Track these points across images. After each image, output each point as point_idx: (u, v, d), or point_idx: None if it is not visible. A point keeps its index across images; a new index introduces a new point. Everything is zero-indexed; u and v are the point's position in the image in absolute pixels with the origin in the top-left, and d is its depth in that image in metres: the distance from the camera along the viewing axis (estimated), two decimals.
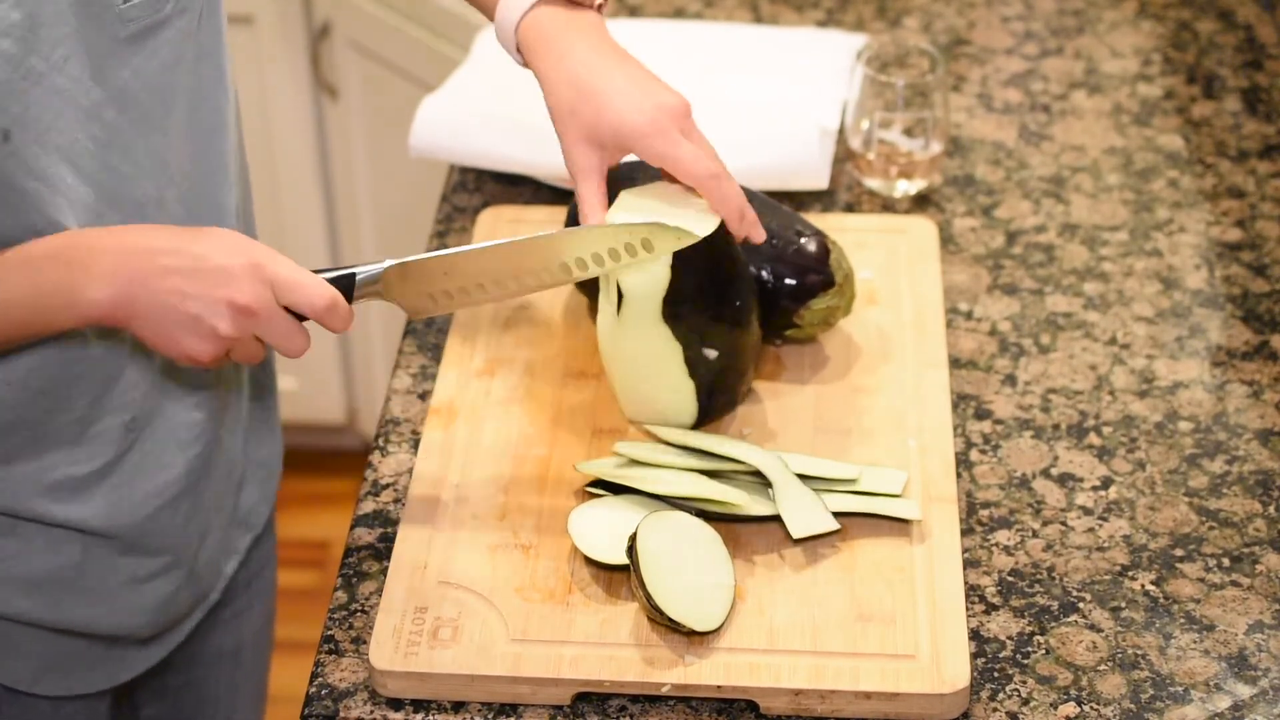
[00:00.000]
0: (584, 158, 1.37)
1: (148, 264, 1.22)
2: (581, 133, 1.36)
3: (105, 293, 1.21)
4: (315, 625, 1.53)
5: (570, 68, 1.36)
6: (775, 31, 1.95)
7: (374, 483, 1.46)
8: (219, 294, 1.22)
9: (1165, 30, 2.01)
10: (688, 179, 1.36)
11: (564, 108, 1.36)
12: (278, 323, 1.24)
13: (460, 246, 1.33)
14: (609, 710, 1.27)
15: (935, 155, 1.73)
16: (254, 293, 1.22)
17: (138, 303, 1.22)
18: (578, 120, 1.36)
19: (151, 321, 1.22)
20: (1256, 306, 1.62)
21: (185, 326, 1.22)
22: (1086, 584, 1.36)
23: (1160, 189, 1.76)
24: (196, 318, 1.22)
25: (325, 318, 1.25)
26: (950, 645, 1.27)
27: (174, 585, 1.47)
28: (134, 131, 1.29)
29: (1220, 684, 1.29)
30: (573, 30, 1.37)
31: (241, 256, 1.23)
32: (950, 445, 1.44)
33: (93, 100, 1.26)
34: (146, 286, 1.21)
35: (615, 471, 1.37)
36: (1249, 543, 1.39)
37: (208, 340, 1.23)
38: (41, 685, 1.44)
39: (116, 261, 1.22)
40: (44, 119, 1.23)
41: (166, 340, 1.23)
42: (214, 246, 1.23)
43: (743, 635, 1.28)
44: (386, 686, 1.28)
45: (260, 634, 1.69)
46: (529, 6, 1.37)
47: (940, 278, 1.61)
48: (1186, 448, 1.47)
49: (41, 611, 1.40)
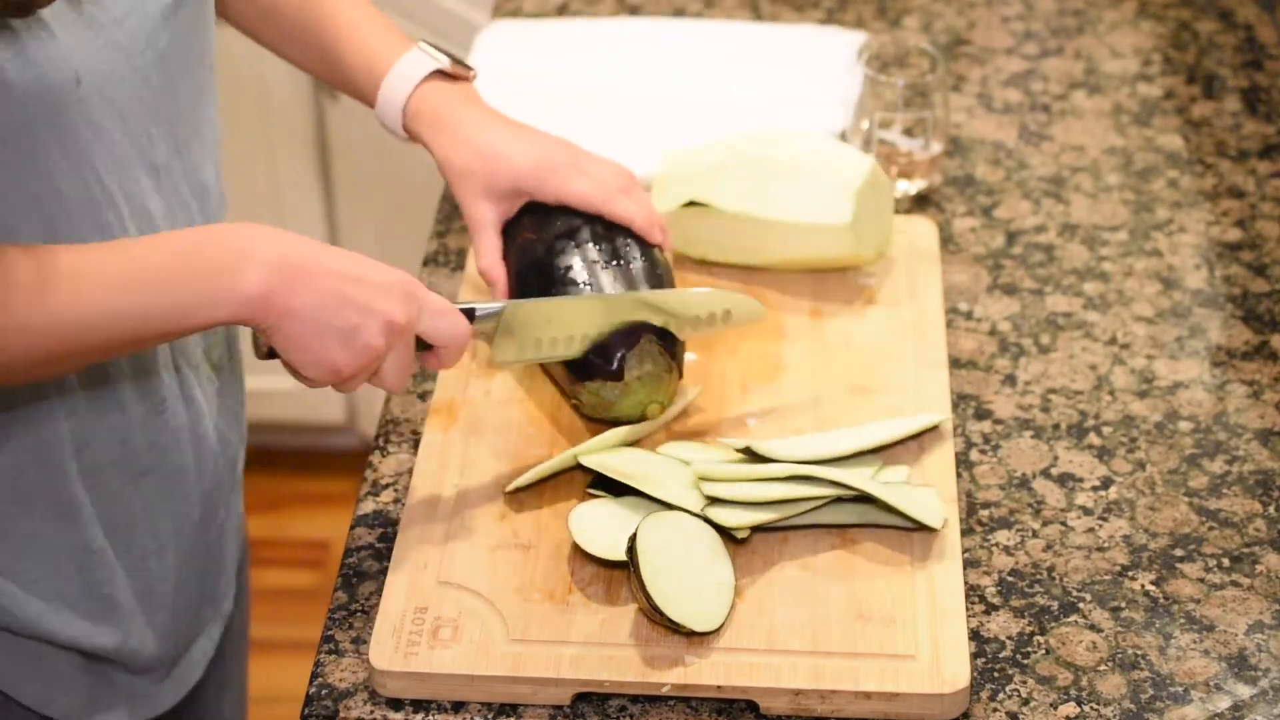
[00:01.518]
0: (482, 212, 1.48)
1: (312, 260, 1.21)
2: (479, 189, 1.47)
3: (266, 277, 1.18)
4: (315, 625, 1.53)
5: (463, 134, 1.47)
6: (775, 30, 1.95)
7: (374, 483, 1.46)
8: (380, 307, 1.22)
9: (1165, 30, 2.01)
10: (589, 209, 1.46)
11: (459, 169, 1.47)
12: (405, 350, 1.26)
13: (567, 295, 1.42)
14: (609, 710, 1.27)
15: (935, 155, 1.73)
16: (407, 313, 1.24)
17: (296, 296, 1.19)
18: (475, 179, 1.47)
19: (305, 320, 1.20)
20: (1256, 306, 1.62)
21: (340, 333, 1.21)
22: (1086, 584, 1.36)
23: (1160, 189, 1.76)
24: (355, 327, 1.21)
25: (457, 349, 1.28)
26: (950, 645, 1.27)
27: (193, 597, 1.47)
28: (165, 98, 1.30)
29: (1220, 684, 1.29)
30: (456, 101, 1.48)
31: (394, 273, 1.24)
32: (950, 445, 1.44)
33: (145, 61, 1.27)
34: (310, 281, 1.20)
35: (616, 468, 1.36)
36: (1249, 543, 1.39)
37: (358, 354, 1.22)
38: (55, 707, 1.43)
39: (279, 250, 1.20)
40: (103, 70, 1.23)
41: (316, 344, 1.21)
42: (362, 260, 1.24)
43: (743, 635, 1.28)
44: (386, 686, 1.28)
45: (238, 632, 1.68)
46: (413, 87, 1.47)
47: (940, 278, 1.61)
48: (1186, 448, 1.47)
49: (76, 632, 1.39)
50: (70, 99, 1.21)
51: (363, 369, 1.24)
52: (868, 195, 1.56)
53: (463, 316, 1.29)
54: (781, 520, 1.34)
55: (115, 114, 1.25)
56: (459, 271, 1.66)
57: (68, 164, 1.23)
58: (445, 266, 1.67)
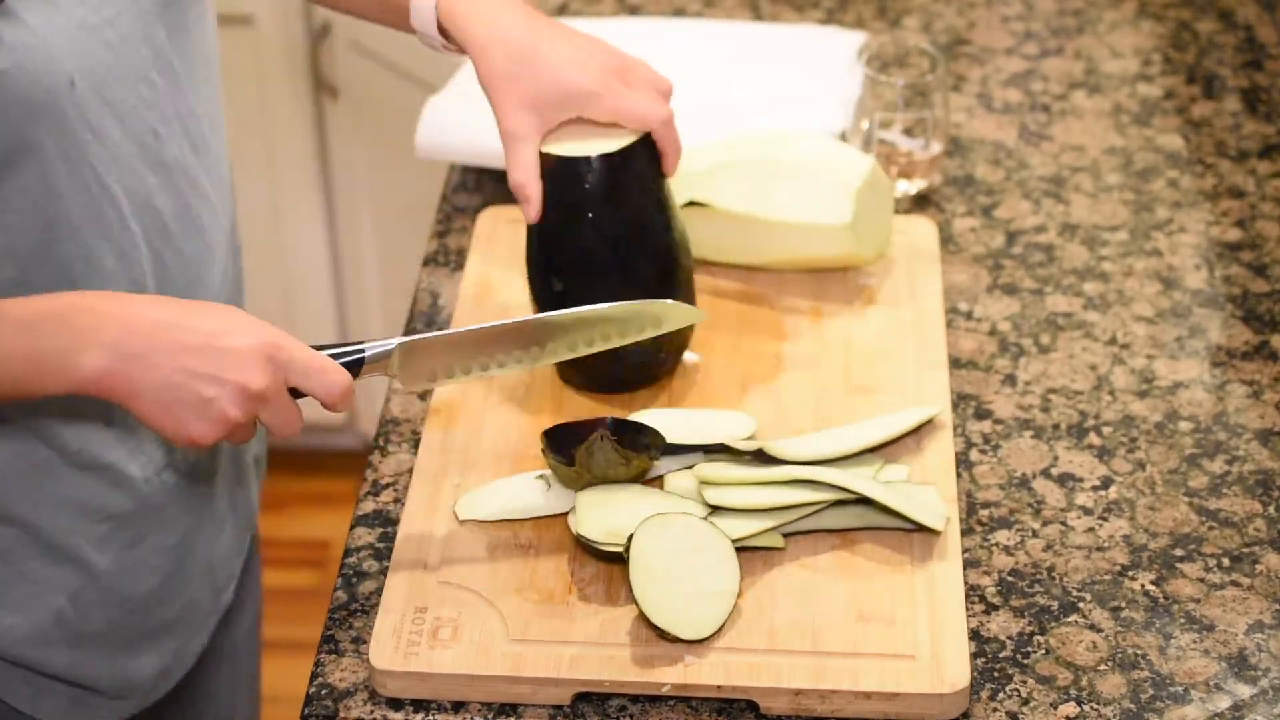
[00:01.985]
0: (522, 124, 1.36)
1: (157, 339, 1.17)
2: (520, 98, 1.35)
3: (100, 362, 1.16)
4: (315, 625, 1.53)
5: (503, 35, 1.35)
6: (775, 30, 1.95)
7: (374, 483, 1.46)
8: (233, 377, 1.18)
9: (1165, 30, 2.01)
10: (643, 127, 1.38)
11: (499, 75, 1.35)
12: (282, 407, 1.21)
13: (464, 327, 1.32)
14: (609, 710, 1.27)
15: (935, 155, 1.73)
16: (268, 377, 1.19)
17: (138, 379, 1.17)
18: (516, 86, 1.35)
19: (152, 400, 1.17)
20: (1256, 306, 1.62)
21: (193, 409, 1.18)
22: (1086, 584, 1.36)
23: (1160, 189, 1.76)
24: (207, 401, 1.18)
25: (337, 400, 1.23)
26: (950, 645, 1.27)
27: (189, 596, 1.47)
28: (170, 95, 1.30)
29: (1220, 684, 1.29)
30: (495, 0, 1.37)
31: (255, 337, 1.19)
32: (950, 444, 1.44)
33: (141, 59, 1.27)
34: (152, 361, 1.17)
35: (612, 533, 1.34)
36: (1249, 543, 1.39)
37: (215, 425, 1.19)
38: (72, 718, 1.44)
39: (120, 333, 1.17)
40: (98, 71, 1.23)
41: (169, 420, 1.18)
42: (226, 323, 1.19)
43: (743, 635, 1.28)
44: (386, 686, 1.28)
45: (251, 631, 1.69)
46: None
47: (940, 278, 1.61)
48: (1186, 448, 1.47)
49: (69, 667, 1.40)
50: (65, 102, 1.20)
51: (229, 434, 1.21)
52: (868, 195, 1.56)
53: (339, 372, 1.22)
54: (783, 526, 1.34)
55: (113, 114, 1.25)
56: (459, 271, 1.66)
57: (65, 165, 1.23)
58: (445, 266, 1.67)
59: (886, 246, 1.60)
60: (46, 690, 1.40)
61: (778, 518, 1.34)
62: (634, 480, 1.37)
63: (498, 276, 1.62)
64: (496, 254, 1.64)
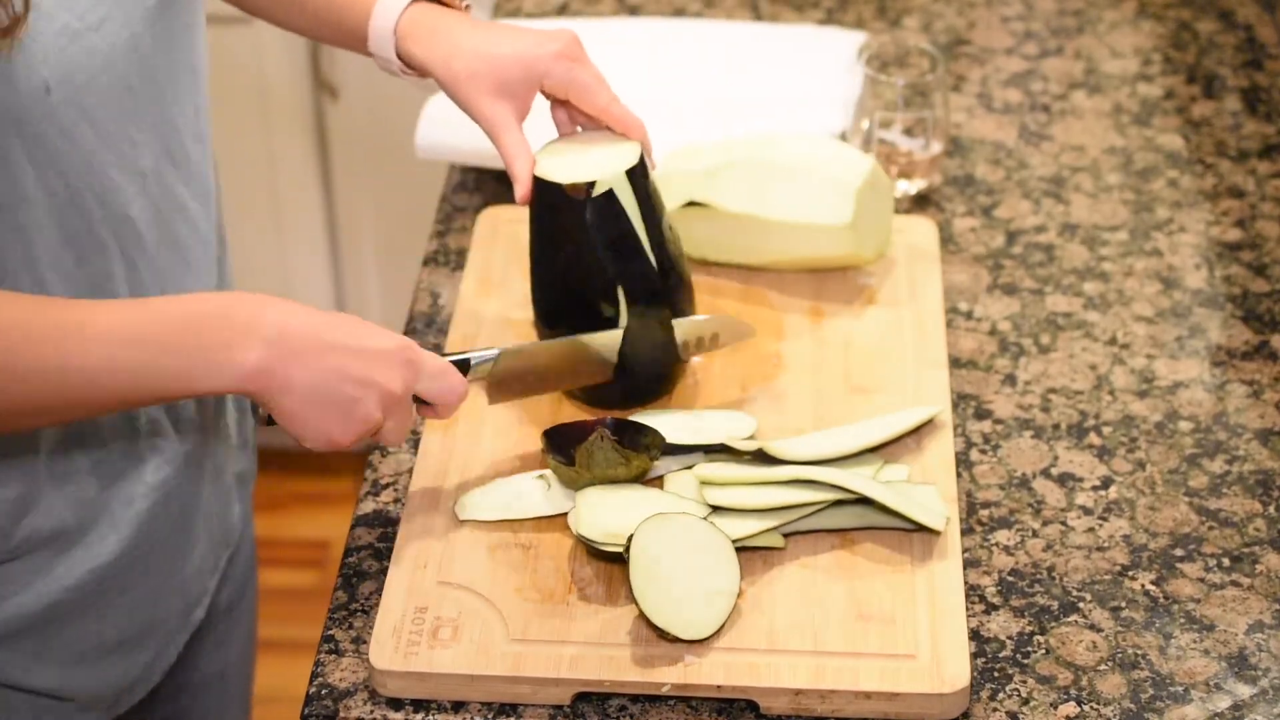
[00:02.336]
0: (498, 112, 1.42)
1: (313, 337, 1.21)
2: (488, 88, 1.41)
3: (265, 354, 1.19)
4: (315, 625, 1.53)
5: (458, 43, 1.42)
6: (775, 30, 1.95)
7: (374, 483, 1.46)
8: (378, 379, 1.22)
9: (1165, 30, 2.01)
10: (592, 106, 1.43)
11: (463, 75, 1.41)
12: (406, 413, 1.26)
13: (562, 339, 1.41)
14: (609, 710, 1.27)
15: (935, 155, 1.73)
16: (403, 379, 1.24)
17: (295, 377, 1.20)
18: (481, 80, 1.41)
19: (301, 399, 1.21)
20: (1256, 306, 1.62)
21: (339, 407, 1.22)
22: (1086, 584, 1.36)
23: (1160, 189, 1.76)
24: (354, 400, 1.22)
25: (453, 405, 1.29)
26: (950, 645, 1.27)
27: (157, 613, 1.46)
28: (150, 103, 1.30)
29: (1220, 684, 1.29)
30: (448, 17, 1.44)
31: (392, 339, 1.24)
32: (950, 445, 1.44)
33: (125, 67, 1.26)
34: (309, 358, 1.20)
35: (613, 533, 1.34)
36: (1249, 543, 1.39)
37: (355, 425, 1.23)
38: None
39: (278, 332, 1.19)
40: (77, 79, 1.22)
41: (313, 418, 1.22)
42: (362, 325, 1.24)
43: (743, 635, 1.28)
44: (386, 686, 1.28)
45: (244, 658, 1.67)
46: (403, 8, 1.43)
47: (940, 278, 1.61)
48: (1186, 448, 1.47)
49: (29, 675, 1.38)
50: (39, 108, 1.20)
51: (360, 436, 1.25)
52: (868, 195, 1.56)
53: (459, 375, 1.30)
54: (783, 526, 1.34)
55: (88, 120, 1.24)
56: (459, 271, 1.66)
57: (34, 170, 1.22)
58: (445, 266, 1.67)
59: (886, 246, 1.60)
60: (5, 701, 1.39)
61: (778, 518, 1.34)
62: (634, 480, 1.37)
63: (498, 277, 1.62)
64: (496, 254, 1.64)
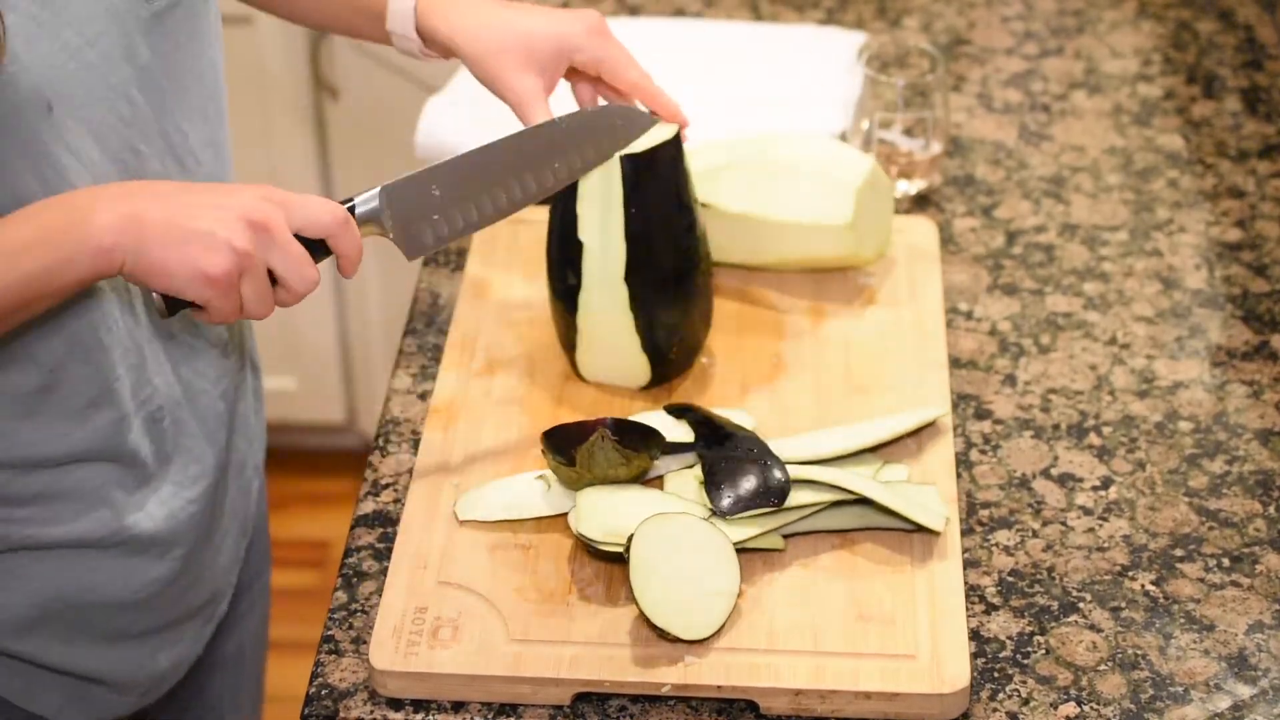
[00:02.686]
0: (528, 86, 1.41)
1: (158, 189, 1.19)
2: (518, 63, 1.40)
3: (111, 216, 1.16)
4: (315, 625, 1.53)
5: (485, 17, 1.41)
6: (775, 30, 1.95)
7: (374, 483, 1.46)
8: (230, 204, 1.18)
9: (1165, 30, 2.01)
10: (624, 80, 1.42)
11: (491, 50, 1.40)
12: (290, 246, 1.20)
13: (442, 160, 1.35)
14: (609, 710, 1.27)
15: (935, 155, 1.73)
16: (265, 210, 1.19)
17: (147, 223, 1.16)
18: (510, 55, 1.40)
19: (161, 244, 1.17)
20: (1256, 306, 1.62)
21: (199, 240, 1.17)
22: (1086, 584, 1.36)
23: (1160, 189, 1.76)
24: (209, 232, 1.17)
25: (339, 235, 1.23)
26: (950, 645, 1.27)
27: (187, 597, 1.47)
28: (153, 112, 1.30)
29: (1220, 684, 1.29)
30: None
31: (248, 187, 1.21)
32: (950, 444, 1.44)
33: (121, 78, 1.26)
34: (154, 204, 1.17)
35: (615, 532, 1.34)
36: (1249, 543, 1.39)
37: (224, 255, 1.17)
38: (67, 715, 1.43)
39: (122, 191, 1.18)
40: (78, 94, 1.22)
41: (175, 257, 1.17)
42: (217, 184, 1.22)
43: (743, 635, 1.28)
44: (386, 686, 1.28)
45: (259, 635, 1.69)
46: None
47: (940, 278, 1.61)
48: (1186, 448, 1.47)
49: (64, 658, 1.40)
50: (42, 126, 1.20)
51: (244, 272, 1.19)
52: (867, 195, 1.56)
53: (330, 202, 1.23)
54: (783, 526, 1.34)
55: (91, 134, 1.25)
56: (459, 271, 1.66)
57: (41, 188, 1.22)
58: (445, 266, 1.67)
59: (886, 246, 1.60)
60: (40, 683, 1.40)
61: (778, 518, 1.34)
62: (634, 480, 1.37)
63: (498, 276, 1.62)
64: (496, 254, 1.64)
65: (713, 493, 1.34)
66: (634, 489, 1.36)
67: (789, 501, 1.34)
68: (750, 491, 1.33)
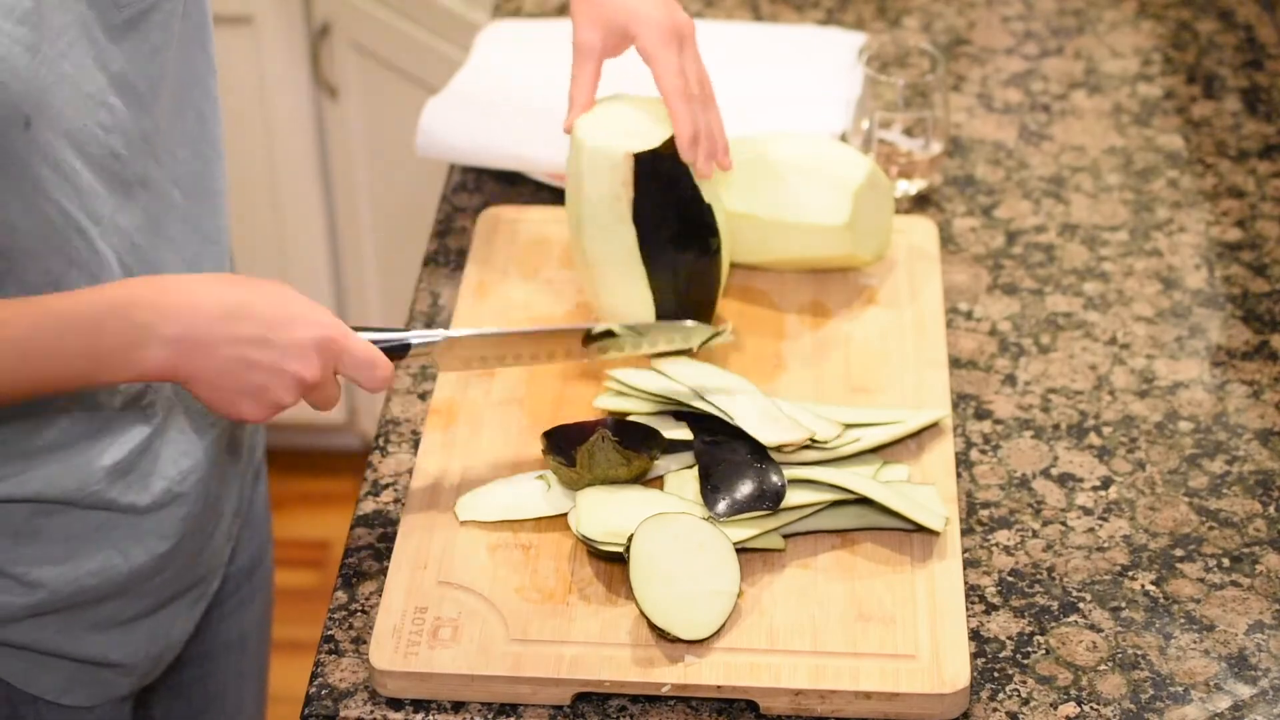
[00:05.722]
0: (589, 40, 1.47)
1: (218, 330, 1.21)
2: (594, 18, 1.47)
3: (163, 356, 1.21)
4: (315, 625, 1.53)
5: None
6: (775, 30, 1.95)
7: (374, 483, 1.46)
8: (289, 367, 1.23)
9: (1165, 30, 2.01)
10: (660, 87, 1.46)
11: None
12: (329, 390, 1.27)
13: (508, 329, 1.45)
14: (609, 710, 1.27)
15: (935, 155, 1.73)
16: (321, 367, 1.24)
17: (200, 366, 1.21)
18: (594, 7, 1.47)
19: (209, 385, 1.23)
20: (1256, 306, 1.62)
21: (249, 395, 1.23)
22: (1086, 584, 1.36)
23: (1160, 189, 1.76)
24: (262, 388, 1.23)
25: (378, 389, 1.29)
26: (950, 645, 1.27)
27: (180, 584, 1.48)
28: (130, 116, 1.30)
29: (1220, 684, 1.29)
30: None
31: (312, 330, 1.24)
32: (950, 445, 1.44)
33: (97, 86, 1.26)
34: (212, 352, 1.21)
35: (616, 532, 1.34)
36: (1249, 543, 1.39)
37: (266, 409, 1.24)
38: (69, 696, 1.44)
39: (181, 328, 1.21)
40: (55, 105, 1.22)
41: (223, 402, 1.24)
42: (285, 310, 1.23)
43: (743, 635, 1.28)
44: (386, 686, 1.28)
45: (262, 622, 1.70)
46: None
47: (940, 278, 1.61)
48: (1186, 448, 1.47)
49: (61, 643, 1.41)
50: (19, 143, 1.20)
51: (279, 413, 1.26)
52: (866, 196, 1.56)
53: (386, 365, 1.28)
54: (783, 526, 1.34)
55: (71, 143, 1.25)
56: (459, 271, 1.66)
57: (20, 203, 1.22)
58: (445, 266, 1.67)
59: (886, 247, 1.60)
60: (41, 666, 1.41)
61: (778, 518, 1.34)
62: (634, 480, 1.37)
63: (498, 276, 1.62)
64: (496, 254, 1.64)
65: (709, 495, 1.34)
66: (634, 489, 1.36)
67: (788, 501, 1.34)
68: (746, 496, 1.33)
